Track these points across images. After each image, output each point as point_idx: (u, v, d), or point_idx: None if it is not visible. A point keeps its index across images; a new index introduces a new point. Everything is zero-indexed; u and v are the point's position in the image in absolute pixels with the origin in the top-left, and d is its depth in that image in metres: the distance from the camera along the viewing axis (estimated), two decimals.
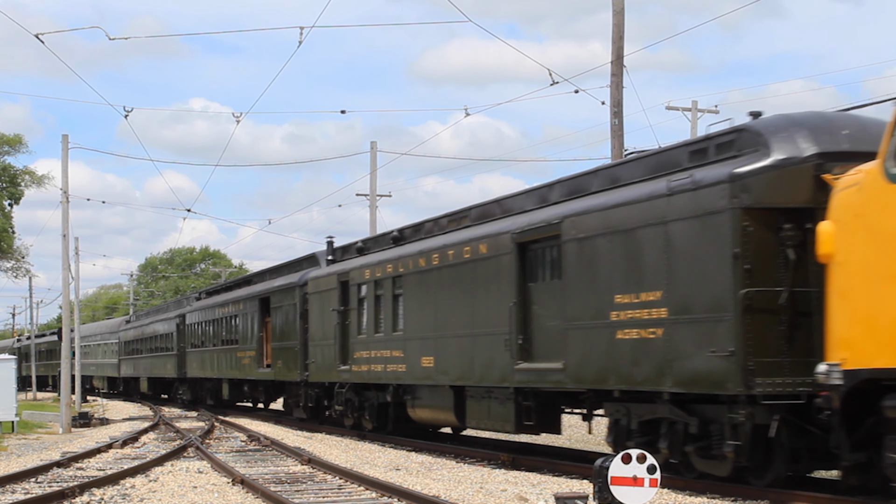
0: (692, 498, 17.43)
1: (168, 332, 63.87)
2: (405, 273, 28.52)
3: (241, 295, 48.19)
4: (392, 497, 18.28)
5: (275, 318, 41.36)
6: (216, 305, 52.81)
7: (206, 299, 57.91)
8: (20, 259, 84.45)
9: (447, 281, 26.05)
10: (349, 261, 33.78)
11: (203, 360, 54.91)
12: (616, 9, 29.78)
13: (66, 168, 48.20)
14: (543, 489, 18.79)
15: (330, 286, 34.36)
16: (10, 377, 43.75)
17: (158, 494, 19.27)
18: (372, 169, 54.10)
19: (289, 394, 42.12)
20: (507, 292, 23.23)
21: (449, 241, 26.08)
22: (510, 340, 22.94)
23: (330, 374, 34.60)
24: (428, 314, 27.18)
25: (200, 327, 55.99)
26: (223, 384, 52.34)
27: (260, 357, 44.46)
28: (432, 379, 26.94)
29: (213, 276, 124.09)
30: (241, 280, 53.28)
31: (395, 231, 30.86)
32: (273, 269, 46.47)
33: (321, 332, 35.19)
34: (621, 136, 29.62)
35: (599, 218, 20.12)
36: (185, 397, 61.96)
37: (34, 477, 22.79)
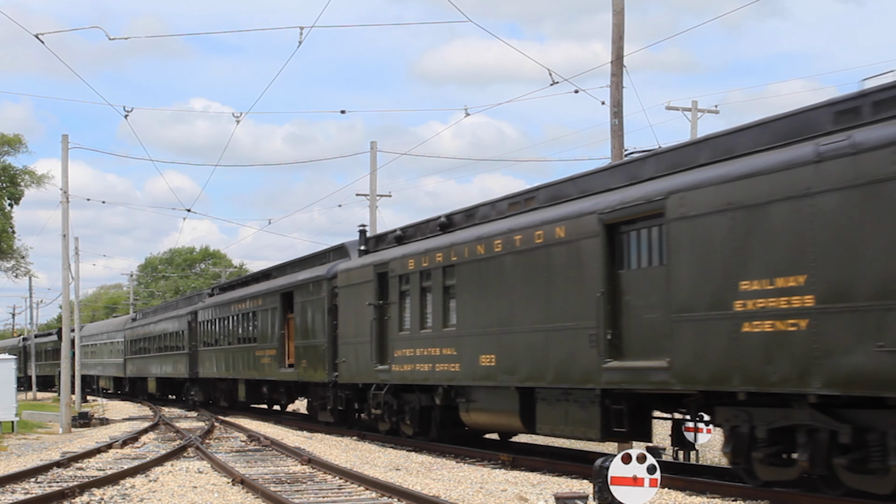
0: (692, 498, 16.70)
1: (178, 331, 58.48)
2: (459, 262, 24.57)
3: (260, 290, 43.26)
4: (392, 497, 17.62)
5: (298, 315, 36.87)
6: (232, 301, 47.53)
7: (220, 295, 52.63)
8: (20, 259, 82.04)
9: (513, 270, 22.18)
10: (387, 250, 29.69)
11: (217, 360, 49.65)
12: (616, 9, 28.47)
13: (66, 168, 46.49)
14: (543, 489, 18.10)
15: (365, 279, 30.14)
16: (10, 377, 42.27)
17: (158, 494, 18.61)
18: (372, 169, 52.06)
19: (314, 396, 37.47)
20: (591, 281, 19.49)
21: (515, 225, 22.18)
22: (597, 336, 19.23)
23: (365, 375, 30.35)
24: (488, 307, 23.18)
25: (214, 325, 50.72)
26: (239, 385, 47.22)
27: (281, 356, 39.72)
28: (493, 379, 23.00)
29: (213, 275, 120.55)
30: (260, 274, 47.72)
31: (442, 217, 26.87)
32: (296, 262, 41.61)
33: (354, 329, 30.94)
34: (621, 136, 28.18)
35: (717, 192, 16.51)
36: (197, 398, 56.65)
37: (34, 477, 21.98)
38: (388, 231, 30.85)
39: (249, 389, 45.79)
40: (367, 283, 29.78)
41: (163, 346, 62.31)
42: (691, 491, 17.38)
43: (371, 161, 52.04)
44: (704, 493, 17.10)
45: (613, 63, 28.40)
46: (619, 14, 28.54)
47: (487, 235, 23.22)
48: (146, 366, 67.64)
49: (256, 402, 47.74)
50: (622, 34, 28.55)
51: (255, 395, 45.86)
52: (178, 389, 64.32)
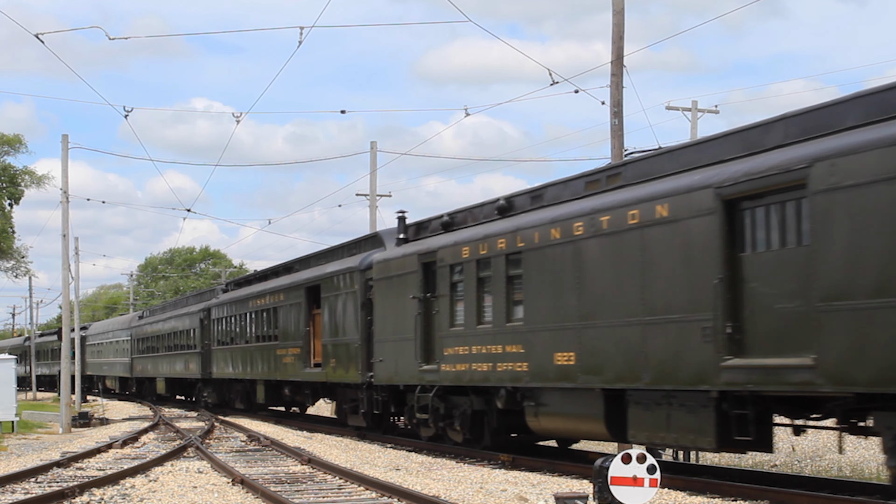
0: (692, 497, 16.12)
1: (189, 328, 52.94)
2: (527, 248, 20.66)
3: (281, 284, 38.33)
4: (392, 497, 17.03)
5: (326, 310, 32.34)
6: (249, 297, 42.47)
7: (235, 291, 47.40)
8: (20, 259, 78.89)
9: (598, 255, 18.46)
10: (433, 238, 25.59)
11: (233, 359, 44.50)
12: (616, 9, 27.27)
13: (66, 168, 45.05)
14: (543, 489, 17.48)
15: (406, 269, 25.96)
16: (9, 377, 41.03)
17: (158, 494, 18.03)
18: (372, 169, 50.05)
19: (343, 398, 32.76)
20: (705, 265, 15.92)
21: (600, 204, 18.52)
22: (713, 329, 15.67)
23: (407, 376, 26.17)
24: (565, 298, 19.36)
25: (229, 322, 45.62)
26: (258, 386, 42.11)
27: (306, 355, 34.97)
28: (572, 380, 19.24)
29: (214, 275, 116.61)
30: (280, 268, 42.54)
31: (500, 199, 23.01)
32: (321, 255, 36.91)
33: (393, 325, 26.77)
34: (621, 136, 26.85)
35: (883, 157, 13.06)
36: (210, 400, 51.31)
37: (34, 477, 21.30)
38: (432, 217, 26.81)
39: (269, 391, 40.96)
40: (410, 275, 25.69)
41: (172, 345, 56.91)
42: (691, 491, 16.70)
43: (371, 161, 50.10)
44: (704, 493, 16.46)
45: (613, 63, 27.21)
46: (619, 14, 27.33)
47: (564, 218, 19.48)
48: (154, 365, 62.13)
49: (276, 404, 42.93)
50: (622, 34, 27.36)
51: (275, 397, 41.05)
52: (188, 390, 59.19)
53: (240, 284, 47.95)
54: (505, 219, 22.23)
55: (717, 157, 16.52)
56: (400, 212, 27.96)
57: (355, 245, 33.00)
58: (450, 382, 23.93)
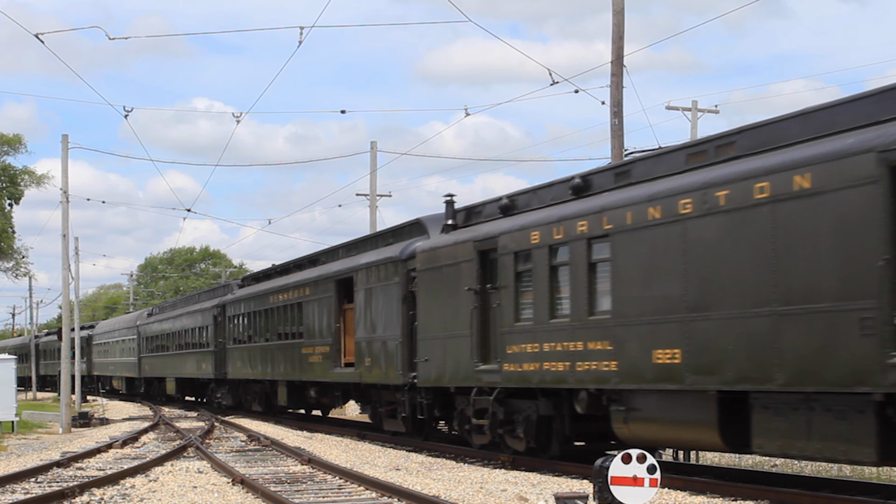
0: (692, 497, 15.56)
1: (202, 326, 48.14)
2: (616, 230, 17.29)
3: (307, 278, 33.97)
4: (392, 497, 16.37)
5: (361, 305, 28.47)
6: (270, 292, 38.07)
7: (253, 286, 42.66)
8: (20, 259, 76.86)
9: (712, 235, 15.11)
10: (490, 223, 21.95)
11: (251, 359, 40.06)
12: (616, 9, 26.66)
13: (66, 168, 43.32)
14: (543, 489, 16.79)
15: (459, 258, 22.33)
16: (10, 377, 39.37)
17: (158, 494, 17.39)
18: (372, 169, 48.47)
19: (378, 401, 28.83)
20: (864, 245, 12.74)
21: (715, 177, 15.20)
22: (877, 320, 12.48)
23: (459, 377, 22.50)
24: (667, 286, 16.12)
25: (247, 319, 40.97)
26: (279, 387, 37.44)
27: (336, 354, 30.83)
28: (676, 381, 15.92)
29: (214, 275, 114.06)
30: (304, 260, 37.83)
31: (575, 178, 19.43)
32: (352, 245, 32.76)
33: (442, 321, 23.07)
34: (621, 136, 26.21)
35: None
36: (225, 402, 46.45)
37: (34, 477, 20.74)
38: (486, 201, 23.26)
39: (292, 393, 36.41)
40: (464, 264, 22.11)
41: (183, 344, 52.11)
42: (691, 491, 16.21)
43: (371, 161, 48.46)
44: (704, 493, 15.99)
45: (613, 63, 26.56)
46: (619, 14, 26.62)
47: (666, 194, 16.21)
48: (164, 365, 57.03)
49: (300, 406, 38.66)
50: (622, 34, 26.64)
51: (299, 400, 36.75)
52: (201, 391, 54.42)
53: (258, 279, 43.38)
54: (582, 199, 18.95)
55: (871, 117, 13.40)
56: (448, 195, 24.37)
57: (393, 234, 29.23)
58: (514, 384, 20.47)
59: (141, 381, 64.65)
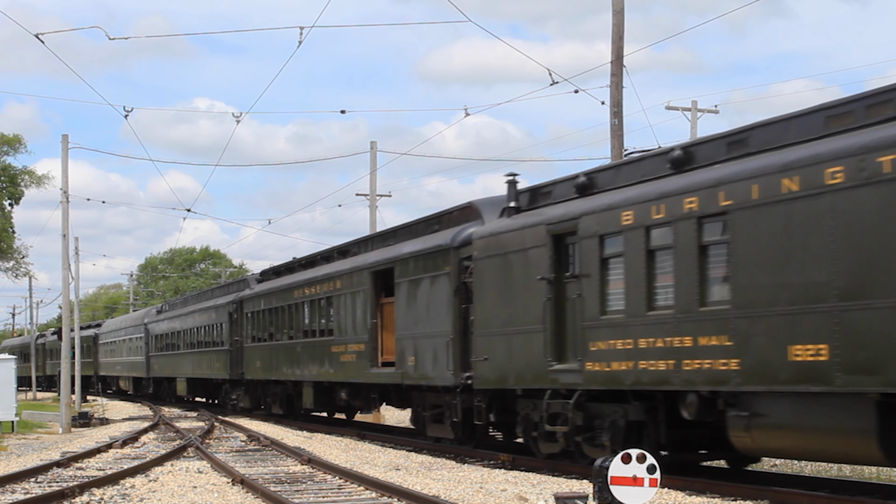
0: (692, 498, 15.57)
1: (216, 323, 45.47)
2: (737, 206, 15.20)
3: (339, 270, 31.05)
4: (392, 497, 16.37)
5: (403, 298, 26.03)
6: (294, 286, 35.09)
7: (274, 280, 39.63)
8: (20, 259, 76.37)
9: (875, 208, 13.21)
10: (565, 204, 19.59)
11: (272, 358, 37.15)
12: (616, 9, 26.71)
13: (66, 168, 43.24)
14: (543, 489, 16.78)
15: (527, 244, 19.98)
16: (10, 377, 39.46)
17: (158, 494, 17.40)
18: (372, 169, 48.20)
19: (422, 404, 26.08)
20: None
21: (876, 140, 13.31)
22: None
23: (528, 377, 20.15)
24: (809, 269, 14.07)
25: (267, 316, 38.15)
26: (304, 388, 34.26)
27: (373, 352, 28.22)
28: (823, 382, 13.88)
29: (214, 275, 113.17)
30: (333, 252, 34.52)
31: (675, 150, 17.51)
32: (389, 234, 29.85)
33: (504, 314, 20.74)
34: (621, 136, 26.23)
35: None
36: (242, 404, 43.13)
37: (34, 477, 20.67)
38: (557, 180, 20.78)
39: (319, 394, 33.28)
40: (535, 251, 19.76)
41: (195, 342, 49.45)
42: (691, 491, 16.18)
43: (371, 161, 48.17)
44: (704, 493, 16.00)
45: (613, 63, 26.55)
46: (618, 14, 26.64)
47: (806, 162, 14.25)
48: (174, 365, 54.05)
49: (328, 409, 35.48)
50: (622, 34, 26.67)
51: (327, 402, 33.62)
52: (213, 392, 51.60)
53: (279, 273, 40.13)
54: (685, 173, 17.00)
55: None
56: (510, 174, 21.67)
57: (439, 220, 26.24)
58: (600, 386, 18.17)
59: (149, 382, 61.81)
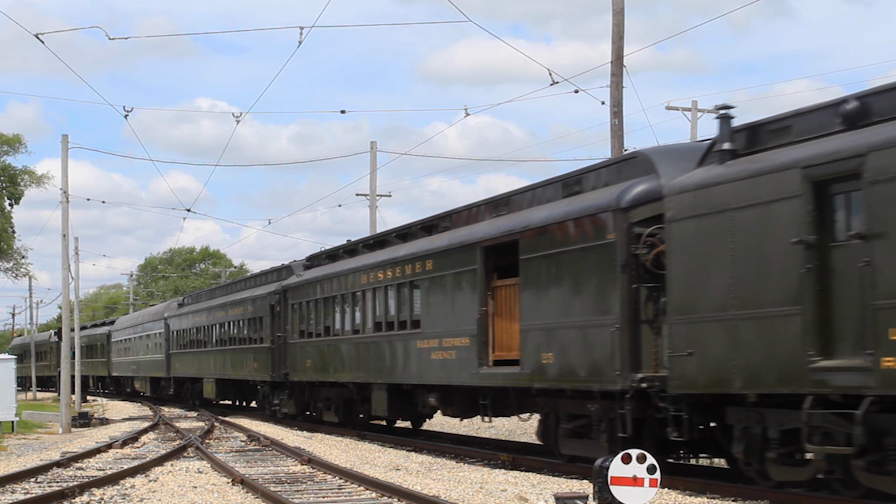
0: (692, 498, 15.68)
1: (254, 317, 39.54)
2: None
3: (429, 248, 25.18)
4: (392, 497, 16.39)
5: (530, 279, 20.47)
6: (360, 270, 29.29)
7: (327, 265, 33.46)
8: (20, 260, 75.59)
9: None
10: (833, 139, 14.17)
11: (326, 356, 31.77)
12: (616, 9, 26.70)
13: (66, 168, 42.96)
14: (543, 489, 16.81)
15: (764, 196, 14.84)
16: (9, 377, 39.19)
17: (158, 494, 17.43)
18: (372, 169, 47.80)
19: (558, 412, 20.51)
20: None
21: None
22: None
23: (772, 378, 14.81)
24: None
25: (320, 307, 32.51)
26: (375, 392, 28.37)
27: (482, 348, 22.21)
28: None
29: (213, 275, 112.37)
30: (414, 227, 27.93)
31: None
32: (503, 200, 23.18)
33: (727, 292, 15.48)
34: (621, 136, 26.21)
35: None
36: (286, 410, 36.77)
37: (34, 477, 20.69)
38: (799, 111, 15.52)
39: (395, 399, 27.61)
40: (780, 204, 14.64)
41: (227, 339, 43.75)
42: (691, 491, 16.29)
43: (371, 161, 47.75)
44: (704, 493, 16.09)
45: (613, 63, 26.51)
46: (618, 14, 26.62)
47: None
48: (200, 364, 48.21)
49: (405, 416, 29.73)
50: (622, 34, 26.65)
51: (404, 408, 27.86)
52: (247, 394, 45.59)
53: (334, 256, 33.82)
54: None
55: None
56: (722, 106, 16.61)
57: (579, 180, 20.19)
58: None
59: (169, 382, 55.60)
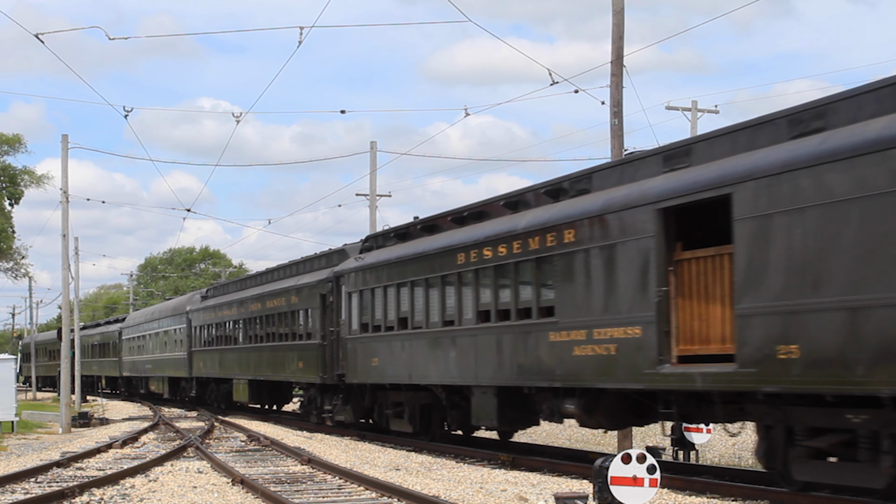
0: (692, 498, 15.57)
1: (300, 309, 34.50)
2: None
3: (565, 215, 19.63)
4: (392, 497, 16.37)
5: (753, 246, 14.88)
6: (451, 249, 23.76)
7: (396, 246, 27.87)
8: (19, 260, 75.33)
9: None
10: None
11: (402, 353, 26.08)
12: (616, 9, 26.49)
13: (66, 168, 43.05)
14: (543, 489, 16.75)
15: None
16: (10, 377, 39.37)
17: (158, 494, 17.40)
18: (372, 169, 47.66)
19: (791, 423, 15.09)
20: None
21: None
22: None
23: None
24: None
25: (393, 295, 26.78)
26: (477, 397, 23.02)
27: (664, 340, 16.78)
28: None
29: (213, 275, 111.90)
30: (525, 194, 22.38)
31: None
32: (673, 152, 17.72)
33: None
34: (621, 136, 25.98)
35: None
36: (342, 417, 31.25)
37: (34, 477, 20.69)
38: None
39: (507, 405, 22.27)
40: None
41: (263, 335, 38.59)
42: (691, 491, 16.32)
43: (371, 161, 47.65)
44: (704, 493, 16.11)
45: (613, 63, 26.29)
46: (618, 14, 26.44)
47: None
48: (230, 363, 43.11)
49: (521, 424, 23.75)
50: (622, 34, 26.48)
51: (521, 415, 22.58)
52: (282, 397, 42.43)
53: (405, 235, 27.96)
54: None
55: None
56: None
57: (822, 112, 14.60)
58: None
59: (191, 383, 50.49)
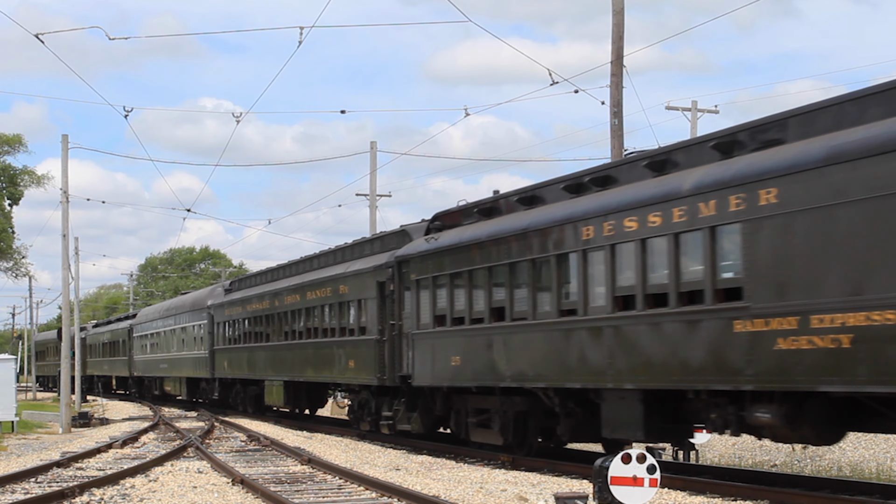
0: (692, 497, 15.54)
1: (348, 300, 29.74)
2: None
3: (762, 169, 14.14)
4: (392, 497, 16.30)
5: None
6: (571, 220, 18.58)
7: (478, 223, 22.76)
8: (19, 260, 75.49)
9: None
10: None
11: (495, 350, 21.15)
12: (616, 9, 26.64)
13: (66, 168, 43.01)
14: (543, 489, 16.67)
15: None
16: (10, 377, 39.14)
17: (158, 494, 17.35)
18: (372, 169, 47.80)
19: None
20: None
21: None
22: None
23: None
24: None
25: (482, 280, 21.64)
26: (610, 403, 18.07)
27: None
28: None
29: (213, 275, 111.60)
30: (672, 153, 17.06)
31: None
32: None
33: None
34: (621, 136, 26.14)
35: None
36: (411, 426, 25.70)
37: (34, 477, 20.62)
38: None
39: (654, 411, 17.36)
40: None
41: (304, 330, 33.96)
42: (691, 491, 16.23)
43: (371, 161, 47.74)
44: (704, 493, 16.01)
45: (613, 63, 26.44)
46: (618, 14, 26.57)
47: None
48: (260, 362, 38.65)
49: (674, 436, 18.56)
50: (622, 34, 26.60)
51: (676, 424, 17.59)
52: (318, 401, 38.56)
53: (490, 211, 22.71)
54: None
55: None
56: None
57: None
58: None
59: (213, 384, 46.11)
